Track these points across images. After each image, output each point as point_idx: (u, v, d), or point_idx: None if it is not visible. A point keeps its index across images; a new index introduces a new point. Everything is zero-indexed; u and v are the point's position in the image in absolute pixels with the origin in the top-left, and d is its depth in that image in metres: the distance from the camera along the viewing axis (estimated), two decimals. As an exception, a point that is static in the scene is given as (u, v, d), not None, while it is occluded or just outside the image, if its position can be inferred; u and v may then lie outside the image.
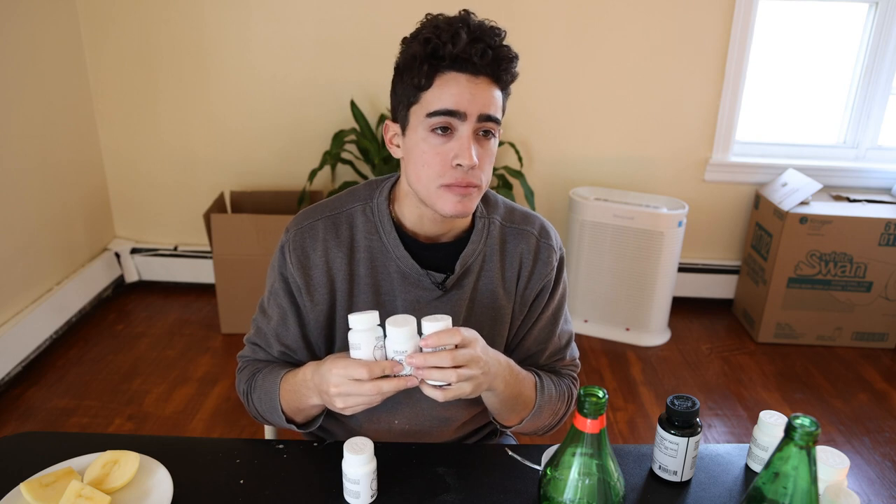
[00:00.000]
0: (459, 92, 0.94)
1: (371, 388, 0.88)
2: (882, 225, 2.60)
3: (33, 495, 0.90)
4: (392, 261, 1.05)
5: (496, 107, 0.97)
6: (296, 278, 1.05)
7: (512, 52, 0.97)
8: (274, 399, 1.04)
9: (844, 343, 2.80)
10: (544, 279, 1.10)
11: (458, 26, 0.93)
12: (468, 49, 0.92)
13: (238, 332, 2.75)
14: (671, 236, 2.64)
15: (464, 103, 0.94)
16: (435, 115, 0.94)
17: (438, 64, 0.94)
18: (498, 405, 1.03)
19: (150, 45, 2.81)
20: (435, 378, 0.87)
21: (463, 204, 0.98)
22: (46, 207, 2.66)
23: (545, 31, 2.76)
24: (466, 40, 0.92)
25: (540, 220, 1.13)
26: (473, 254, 1.07)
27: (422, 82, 0.95)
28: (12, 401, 2.32)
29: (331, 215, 1.07)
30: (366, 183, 1.11)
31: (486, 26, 0.95)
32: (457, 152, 0.95)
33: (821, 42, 2.90)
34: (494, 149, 1.00)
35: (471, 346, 0.89)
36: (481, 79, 0.95)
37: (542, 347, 1.14)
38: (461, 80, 0.94)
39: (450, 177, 0.96)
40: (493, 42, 0.94)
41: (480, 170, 0.97)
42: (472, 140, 0.95)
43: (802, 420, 0.73)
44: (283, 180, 2.99)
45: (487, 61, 0.93)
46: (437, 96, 0.94)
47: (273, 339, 1.10)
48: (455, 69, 0.94)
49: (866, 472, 2.10)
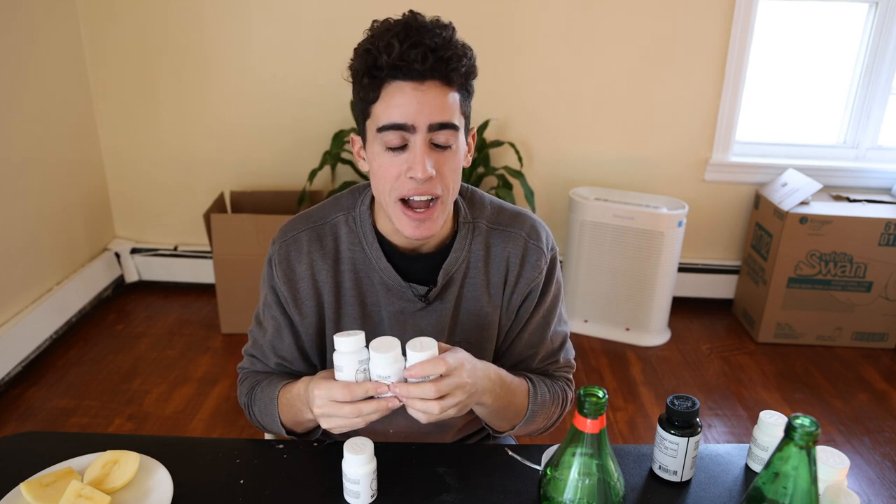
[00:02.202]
0: (406, 102, 0.89)
1: (351, 410, 0.87)
2: (882, 225, 2.60)
3: (33, 495, 0.90)
4: (375, 272, 1.04)
5: (450, 112, 0.91)
6: (283, 291, 1.05)
7: (459, 48, 0.90)
8: (273, 413, 1.04)
9: (844, 343, 2.80)
10: (532, 283, 1.07)
11: (394, 32, 0.88)
12: (406, 55, 0.87)
13: (238, 332, 2.75)
14: (671, 236, 2.64)
15: (411, 115, 0.89)
16: (384, 130, 0.91)
17: (379, 74, 0.89)
18: (489, 415, 1.02)
19: (150, 45, 2.81)
20: (418, 408, 0.87)
21: (421, 229, 0.95)
22: (46, 207, 2.66)
23: (545, 31, 2.76)
24: (403, 47, 0.87)
25: (530, 221, 1.09)
26: (456, 263, 1.05)
27: (368, 95, 0.92)
28: (12, 401, 2.32)
29: (315, 226, 1.06)
30: (350, 190, 1.10)
31: (428, 27, 0.89)
32: (410, 164, 0.92)
33: (821, 42, 2.90)
34: (459, 154, 0.96)
35: (455, 374, 0.87)
36: (429, 84, 0.89)
37: (534, 351, 1.12)
38: (406, 90, 0.89)
39: (404, 188, 0.93)
40: (433, 43, 0.88)
41: (440, 180, 0.94)
42: (427, 150, 0.91)
43: (802, 420, 0.73)
44: (283, 180, 2.99)
45: (430, 65, 0.88)
46: (384, 109, 0.91)
47: (269, 352, 1.10)
48: (398, 78, 0.89)
49: (866, 472, 2.10)
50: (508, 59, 2.80)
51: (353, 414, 0.87)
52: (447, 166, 0.94)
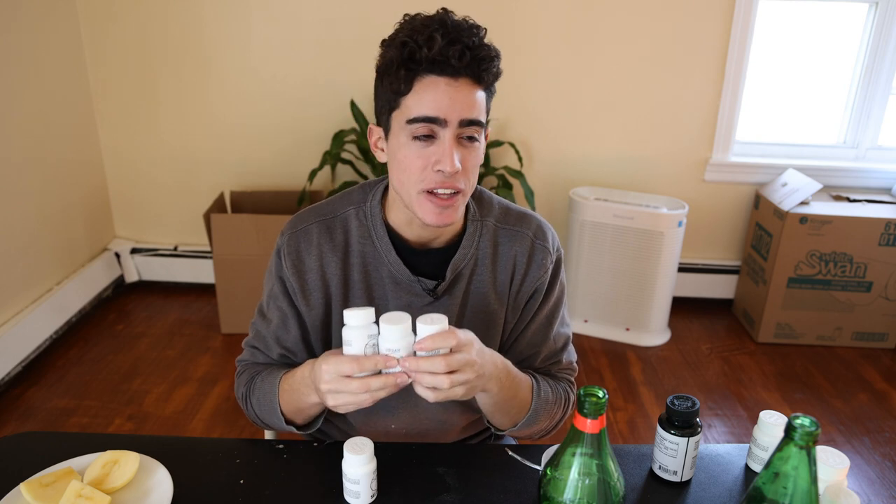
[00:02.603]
0: (439, 97, 0.91)
1: (359, 385, 0.86)
2: (882, 225, 2.60)
3: (33, 495, 0.90)
4: (384, 266, 1.05)
5: (479, 110, 0.94)
6: (291, 282, 1.05)
7: (492, 50, 0.94)
8: (273, 400, 1.03)
9: (844, 343, 2.80)
10: (538, 281, 1.09)
11: (434, 28, 0.90)
12: (445, 51, 0.89)
13: (238, 332, 2.75)
14: (671, 236, 2.64)
15: (444, 109, 0.91)
16: (415, 122, 0.93)
17: (416, 68, 0.91)
18: (492, 407, 1.02)
19: (150, 45, 2.81)
20: (427, 383, 0.86)
21: (444, 215, 0.96)
22: (46, 207, 2.66)
23: (545, 32, 2.76)
24: (443, 42, 0.89)
25: (537, 221, 1.11)
26: (464, 259, 1.06)
27: (401, 87, 0.93)
28: (12, 401, 2.32)
29: (325, 219, 1.06)
30: (360, 185, 1.11)
31: (464, 25, 0.92)
32: (438, 157, 0.93)
33: (821, 42, 2.90)
34: (480, 152, 0.98)
35: (465, 350, 0.88)
36: (461, 81, 0.92)
37: (537, 351, 1.12)
38: (440, 84, 0.91)
39: (430, 181, 0.94)
40: (471, 42, 0.91)
41: (464, 174, 0.95)
42: (455, 145, 0.93)
43: (802, 420, 0.73)
44: (283, 180, 2.99)
45: (466, 62, 0.90)
46: (417, 102, 0.92)
47: (273, 342, 1.10)
48: (433, 72, 0.91)
49: (866, 472, 2.10)
50: (508, 59, 2.76)
51: (360, 389, 0.86)
52: (471, 161, 0.97)
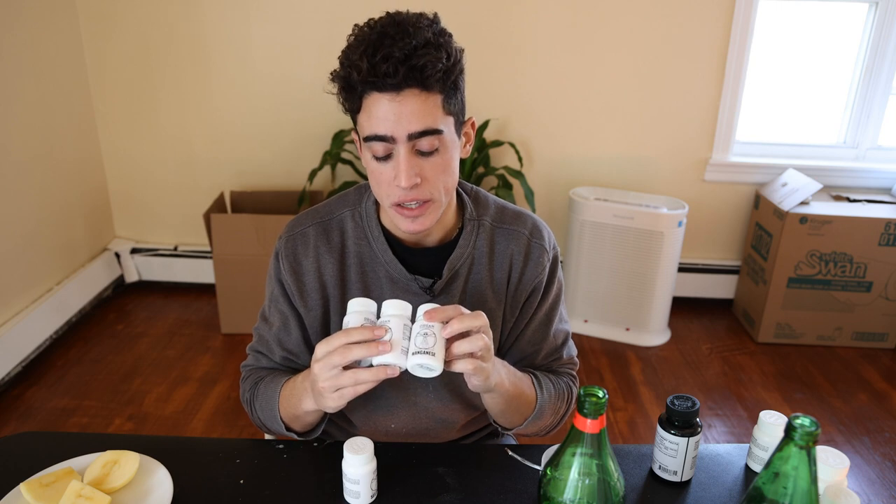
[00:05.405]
0: (383, 115, 0.89)
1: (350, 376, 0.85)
2: (882, 225, 2.60)
3: (33, 495, 0.90)
4: (381, 266, 1.05)
5: (431, 117, 0.90)
6: (289, 284, 1.06)
7: (433, 50, 0.87)
8: (273, 407, 1.04)
9: (844, 343, 2.80)
10: (535, 280, 1.09)
11: (364, 46, 0.87)
12: (377, 69, 0.86)
13: (238, 332, 2.75)
14: (671, 236, 2.64)
15: (390, 126, 0.89)
16: (368, 140, 0.92)
17: (356, 89, 0.89)
18: (502, 405, 1.01)
19: (150, 45, 2.81)
20: (464, 349, 0.86)
21: (417, 223, 0.96)
22: (46, 207, 2.66)
23: (545, 32, 2.76)
24: (370, 63, 0.86)
25: (532, 220, 1.11)
26: (461, 258, 1.06)
27: (351, 106, 0.93)
28: (12, 401, 2.32)
29: (321, 221, 1.07)
30: (356, 187, 1.12)
31: (398, 34, 0.87)
32: (395, 173, 0.93)
33: (821, 42, 2.90)
34: (448, 155, 0.95)
35: (486, 332, 0.88)
36: (406, 93, 0.88)
37: (538, 348, 1.13)
38: (384, 102, 0.88)
39: (395, 195, 0.94)
40: (402, 53, 0.85)
41: (428, 184, 0.94)
42: (411, 157, 0.91)
43: (802, 420, 0.73)
44: (283, 180, 2.99)
45: (403, 75, 0.86)
46: (367, 120, 0.91)
47: (275, 345, 1.10)
48: (375, 90, 0.88)
49: (866, 472, 2.10)
50: (508, 59, 2.80)
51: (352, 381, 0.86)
52: (433, 171, 0.94)
